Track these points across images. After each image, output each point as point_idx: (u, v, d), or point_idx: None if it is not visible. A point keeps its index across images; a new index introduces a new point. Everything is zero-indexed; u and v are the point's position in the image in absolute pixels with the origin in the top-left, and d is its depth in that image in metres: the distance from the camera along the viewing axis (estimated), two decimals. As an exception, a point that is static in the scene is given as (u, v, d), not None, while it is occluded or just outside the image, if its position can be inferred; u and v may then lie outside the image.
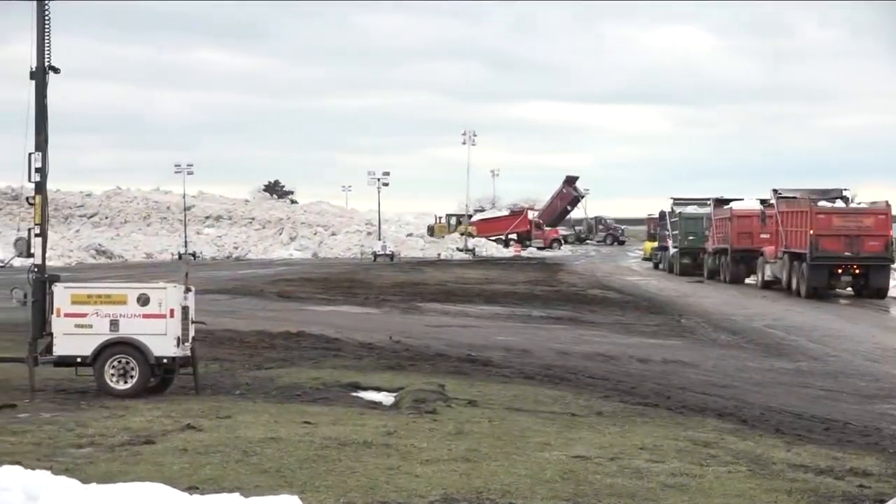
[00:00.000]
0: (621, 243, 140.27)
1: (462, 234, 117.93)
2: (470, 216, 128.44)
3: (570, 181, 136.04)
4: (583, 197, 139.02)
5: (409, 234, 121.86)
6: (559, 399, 18.90)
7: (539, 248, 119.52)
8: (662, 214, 78.27)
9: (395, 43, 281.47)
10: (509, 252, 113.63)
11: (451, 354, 25.23)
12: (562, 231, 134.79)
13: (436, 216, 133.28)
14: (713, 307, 44.46)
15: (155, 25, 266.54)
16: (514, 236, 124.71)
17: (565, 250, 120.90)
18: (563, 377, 22.39)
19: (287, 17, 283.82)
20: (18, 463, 9.53)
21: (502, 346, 27.77)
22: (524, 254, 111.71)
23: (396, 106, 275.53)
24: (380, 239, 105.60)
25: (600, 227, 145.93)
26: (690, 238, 69.67)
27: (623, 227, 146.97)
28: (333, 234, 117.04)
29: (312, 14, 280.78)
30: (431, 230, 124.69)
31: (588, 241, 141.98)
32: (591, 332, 33.23)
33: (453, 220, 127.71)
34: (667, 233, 74.56)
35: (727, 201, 64.36)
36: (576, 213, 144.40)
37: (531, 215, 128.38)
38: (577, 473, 12.23)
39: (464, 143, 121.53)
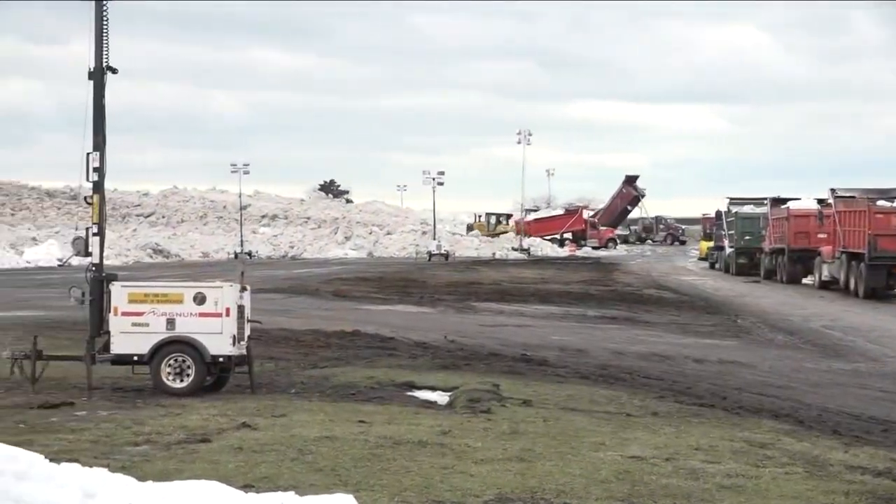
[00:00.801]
0: (682, 243, 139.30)
1: (503, 234, 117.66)
2: (527, 212, 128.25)
3: (631, 180, 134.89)
4: (643, 196, 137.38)
5: (462, 234, 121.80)
6: (614, 399, 18.82)
7: (594, 248, 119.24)
8: (719, 214, 77.86)
9: (449, 42, 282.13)
10: (564, 251, 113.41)
11: (506, 354, 25.19)
12: (618, 231, 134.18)
13: (475, 214, 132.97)
14: (770, 307, 44.15)
15: (210, 25, 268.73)
16: (569, 236, 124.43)
17: (620, 250, 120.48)
18: (619, 377, 22.30)
19: (341, 16, 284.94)
20: (76, 460, 9.59)
21: (557, 346, 27.70)
22: (579, 253, 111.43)
23: (451, 105, 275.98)
24: (434, 238, 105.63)
25: (661, 226, 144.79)
26: (747, 238, 69.23)
27: (683, 226, 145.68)
28: (388, 233, 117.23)
29: (366, 13, 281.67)
30: (470, 228, 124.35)
31: (649, 241, 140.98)
32: (646, 332, 33.09)
33: (493, 219, 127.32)
34: (723, 232, 74.15)
35: (784, 201, 63.88)
36: (636, 213, 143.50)
37: (586, 215, 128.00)
38: (632, 474, 12.18)
39: (519, 143, 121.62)
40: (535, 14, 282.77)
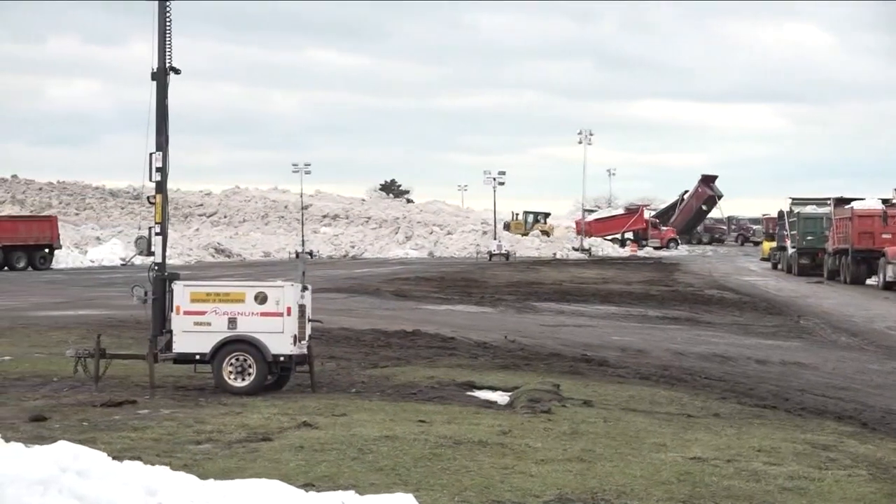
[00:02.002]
0: (756, 244, 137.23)
1: (542, 233, 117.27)
2: (589, 212, 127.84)
3: (707, 180, 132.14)
4: (720, 197, 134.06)
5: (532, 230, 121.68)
6: (675, 400, 18.74)
7: (655, 248, 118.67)
8: (781, 214, 77.34)
9: (506, 42, 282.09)
10: (625, 252, 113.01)
11: (567, 354, 25.13)
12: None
13: (513, 213, 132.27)
14: (833, 308, 43.77)
15: (268, 26, 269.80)
16: (630, 235, 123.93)
17: (682, 250, 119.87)
18: (680, 378, 22.20)
19: (397, 16, 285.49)
20: (139, 458, 9.66)
21: (618, 346, 27.62)
22: (640, 253, 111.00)
23: (510, 105, 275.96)
24: (495, 238, 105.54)
25: (733, 226, 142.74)
26: (809, 238, 68.71)
27: (755, 227, 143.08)
28: (449, 233, 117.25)
29: (422, 13, 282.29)
30: (508, 227, 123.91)
31: (711, 242, 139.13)
32: (707, 333, 32.91)
33: (530, 218, 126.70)
34: (785, 233, 73.65)
35: (847, 201, 63.34)
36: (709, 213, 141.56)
37: (647, 214, 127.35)
38: (693, 475, 12.12)
39: (580, 143, 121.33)
40: (590, 14, 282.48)
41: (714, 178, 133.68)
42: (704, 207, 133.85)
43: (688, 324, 36.09)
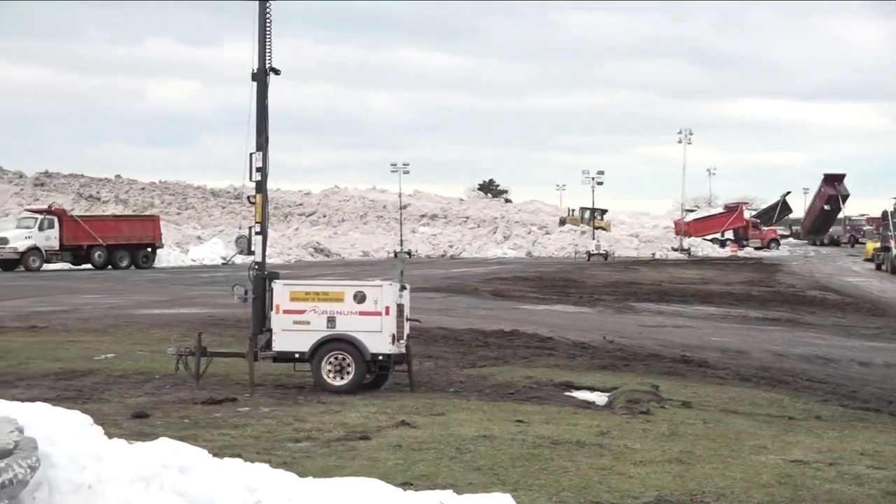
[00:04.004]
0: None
1: (597, 229, 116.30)
2: (688, 211, 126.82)
3: (831, 179, 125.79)
4: (846, 196, 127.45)
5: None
6: (776, 402, 18.56)
7: (756, 248, 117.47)
8: (885, 214, 76.18)
9: (598, 41, 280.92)
10: (725, 252, 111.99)
11: (666, 355, 24.99)
12: (780, 230, 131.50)
13: (568, 209, 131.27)
14: (938, 309, 43.08)
15: (365, 26, 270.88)
16: (730, 235, 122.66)
17: (783, 250, 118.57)
18: (781, 379, 21.98)
19: (489, 16, 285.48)
20: (238, 456, 9.74)
21: (717, 347, 27.40)
22: (741, 254, 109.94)
23: (606, 104, 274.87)
24: (594, 238, 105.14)
25: (847, 227, 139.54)
26: (914, 238, 67.64)
27: (866, 228, 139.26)
28: (547, 233, 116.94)
29: (515, 12, 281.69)
30: (563, 222, 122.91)
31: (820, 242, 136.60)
32: (809, 334, 32.55)
33: (587, 214, 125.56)
34: (889, 233, 72.54)
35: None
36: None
37: (746, 214, 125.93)
38: (794, 478, 11.98)
39: (679, 142, 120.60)
40: (683, 12, 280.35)
41: (840, 177, 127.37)
42: (827, 207, 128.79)
43: (789, 325, 35.72)
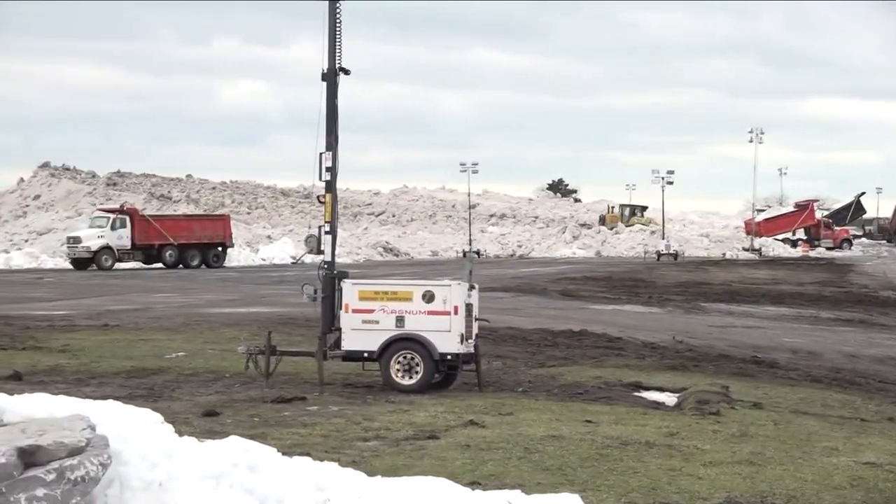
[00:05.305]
0: None
1: (640, 225, 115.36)
2: (759, 211, 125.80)
3: None
4: None
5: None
6: (848, 403, 18.38)
7: (828, 248, 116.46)
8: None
9: (667, 39, 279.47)
10: (797, 252, 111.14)
11: (736, 356, 24.83)
12: (852, 230, 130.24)
13: (608, 205, 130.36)
14: None
15: (432, 26, 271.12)
16: (801, 235, 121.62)
17: (855, 250, 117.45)
18: (853, 381, 21.77)
19: (557, 15, 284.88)
20: (308, 454, 9.78)
21: (788, 348, 27.20)
22: (812, 254, 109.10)
23: (676, 102, 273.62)
24: (663, 238, 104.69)
25: None
26: None
27: None
28: (617, 232, 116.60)
29: (583, 11, 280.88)
30: (603, 220, 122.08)
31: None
32: (882, 336, 32.20)
33: (626, 211, 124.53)
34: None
35: None
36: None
37: (818, 214, 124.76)
38: (866, 480, 11.86)
39: (750, 142, 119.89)
40: (750, 12, 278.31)
41: None
42: None
43: (861, 326, 35.36)
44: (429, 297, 18.10)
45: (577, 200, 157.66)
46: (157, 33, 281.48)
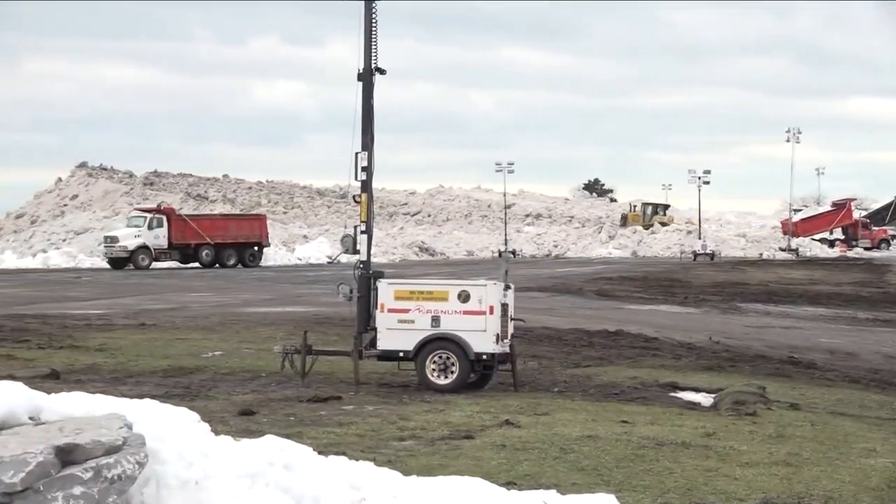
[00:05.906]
0: None
1: (660, 224, 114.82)
2: (796, 211, 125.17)
3: None
4: None
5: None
6: (886, 404, 18.29)
7: (866, 249, 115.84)
8: None
9: (703, 38, 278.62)
10: (834, 252, 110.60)
11: (773, 356, 24.73)
12: (891, 231, 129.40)
13: (630, 204, 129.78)
14: None
15: (467, 25, 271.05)
16: (839, 234, 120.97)
17: (894, 251, 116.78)
18: (891, 382, 21.66)
19: (592, 14, 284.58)
20: (343, 453, 9.79)
21: (826, 349, 27.07)
22: (850, 254, 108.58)
23: (712, 102, 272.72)
24: (700, 238, 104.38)
25: None
26: None
27: None
28: (653, 232, 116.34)
29: (618, 11, 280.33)
30: (625, 219, 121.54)
31: None
32: (920, 336, 32.03)
33: (649, 210, 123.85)
34: None
35: None
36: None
37: (856, 213, 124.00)
38: (904, 482, 11.80)
39: (787, 141, 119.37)
40: (787, 11, 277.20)
41: None
42: None
43: (899, 326, 35.17)
44: (464, 297, 18.10)
45: (612, 200, 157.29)
46: (195, 33, 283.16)
